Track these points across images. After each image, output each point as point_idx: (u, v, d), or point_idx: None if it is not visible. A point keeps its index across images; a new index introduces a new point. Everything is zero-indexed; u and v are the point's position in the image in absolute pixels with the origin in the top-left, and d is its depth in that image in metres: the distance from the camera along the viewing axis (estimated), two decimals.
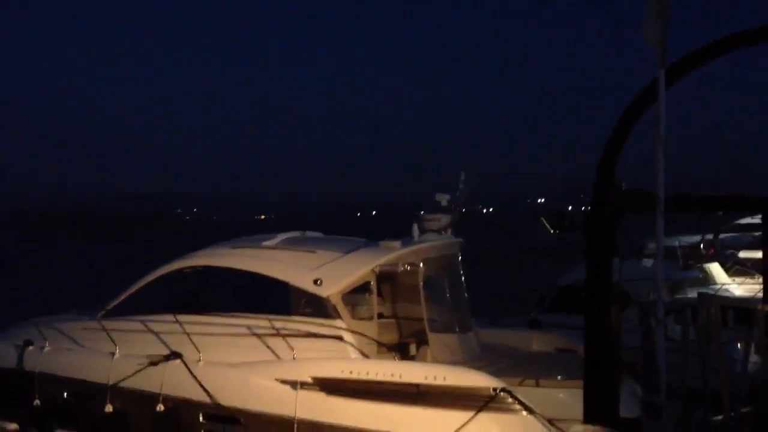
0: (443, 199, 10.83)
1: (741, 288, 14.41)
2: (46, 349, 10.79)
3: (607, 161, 6.36)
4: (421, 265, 9.59)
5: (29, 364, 10.76)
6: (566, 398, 8.27)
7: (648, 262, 14.92)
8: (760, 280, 11.76)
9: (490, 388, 7.89)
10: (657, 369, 6.04)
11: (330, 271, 9.43)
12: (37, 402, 10.47)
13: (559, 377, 8.62)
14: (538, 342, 10.61)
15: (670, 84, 6.27)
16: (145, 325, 10.14)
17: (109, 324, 10.41)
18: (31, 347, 10.93)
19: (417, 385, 8.16)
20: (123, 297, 10.80)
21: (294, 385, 8.67)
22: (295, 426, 8.52)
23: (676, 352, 7.44)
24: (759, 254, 12.00)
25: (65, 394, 10.47)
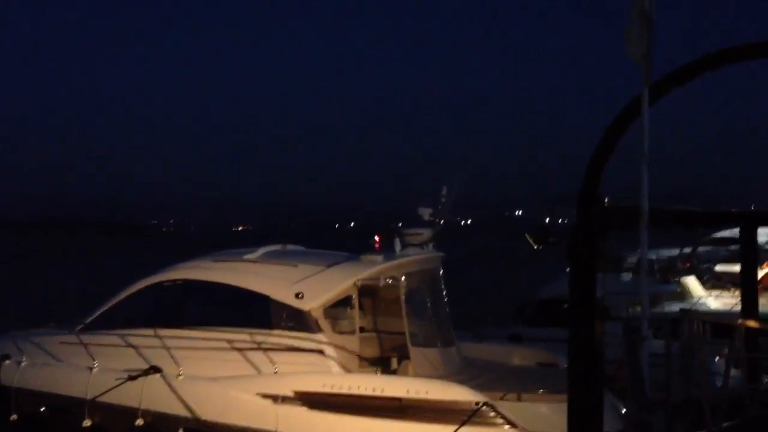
0: (425, 213, 10.83)
1: (717, 301, 14.51)
2: (23, 363, 10.69)
3: (590, 176, 6.39)
4: (403, 279, 9.58)
5: (6, 379, 10.66)
6: (548, 413, 8.27)
7: (627, 276, 15.00)
8: (736, 293, 11.90)
9: (472, 402, 7.89)
10: (642, 385, 6.06)
11: (311, 285, 9.39)
12: (14, 416, 10.38)
13: (541, 391, 8.63)
14: (519, 356, 10.62)
15: (654, 101, 6.32)
16: (125, 339, 10.05)
17: (88, 338, 10.32)
18: (8, 361, 10.83)
19: (399, 399, 8.14)
20: (102, 310, 10.70)
21: (275, 399, 8.64)
22: None
23: (657, 366, 7.48)
24: (735, 268, 12.12)
25: (43, 408, 10.37)
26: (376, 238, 11.33)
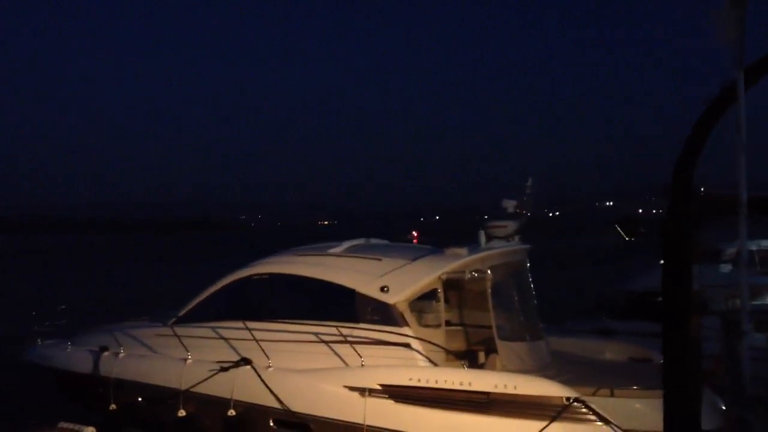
0: (510, 205, 10.68)
1: None
2: (121, 354, 11.07)
3: (684, 165, 6.14)
4: (489, 272, 9.44)
5: (105, 370, 11.05)
6: (643, 409, 8.04)
7: (725, 268, 14.45)
8: None
9: (562, 397, 7.71)
10: (741, 380, 5.80)
11: (396, 279, 9.39)
12: (113, 406, 10.74)
13: (634, 387, 8.38)
14: (610, 350, 10.36)
15: (749, 86, 6.03)
16: (216, 332, 10.30)
17: (181, 330, 10.61)
18: (106, 353, 11.24)
19: (487, 394, 8.03)
20: (193, 304, 11.00)
21: (363, 392, 8.66)
22: None
23: (757, 361, 7.16)
24: None
25: (140, 398, 10.71)
26: (414, 233, 11.31)
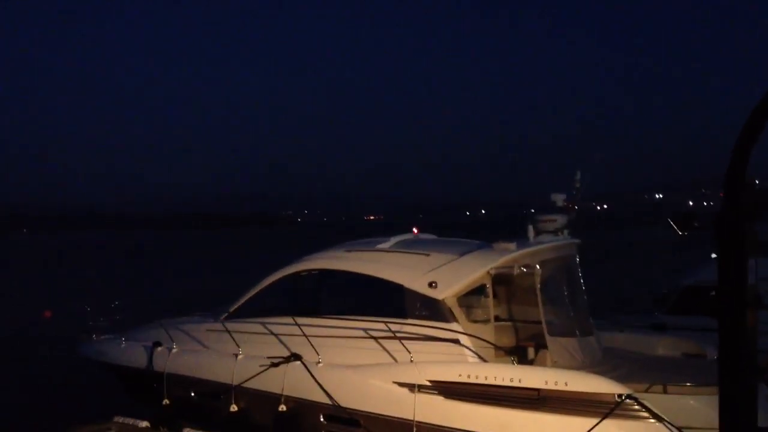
0: (559, 199, 10.57)
1: None
2: (174, 350, 11.24)
3: (738, 157, 6.00)
4: (538, 267, 9.34)
5: (158, 364, 11.24)
6: (697, 406, 7.90)
7: None
8: None
9: (614, 394, 7.61)
10: None
11: (445, 274, 9.36)
12: (166, 401, 10.92)
13: (688, 383, 8.23)
14: (663, 346, 10.19)
15: None
16: (266, 327, 10.40)
17: (232, 326, 10.72)
18: (159, 348, 11.42)
19: (537, 390, 7.97)
20: (243, 300, 11.11)
21: (412, 387, 8.66)
22: (414, 429, 8.50)
23: None
24: None
25: (192, 393, 10.88)
26: (414, 230, 11.29)
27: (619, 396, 7.57)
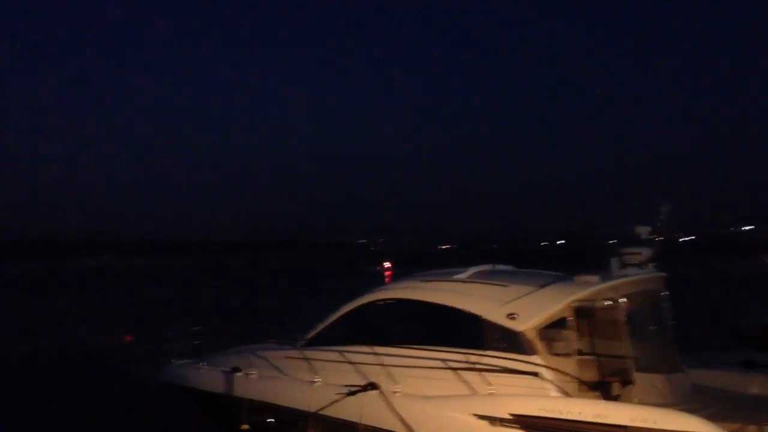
0: (644, 231, 10.26)
1: None
2: (253, 375, 11.35)
3: None
4: (623, 300, 9.09)
5: (238, 390, 11.37)
6: None
7: None
8: None
9: None
10: None
11: (524, 306, 9.18)
12: (245, 426, 11.01)
13: None
14: (756, 384, 9.74)
15: None
16: (343, 355, 10.40)
17: (309, 353, 10.78)
18: (238, 373, 11.55)
19: (624, 428, 7.67)
20: (321, 327, 11.17)
21: (492, 420, 8.49)
22: None
23: None
24: None
25: (271, 419, 10.94)
26: (387, 264, 11.04)
27: None
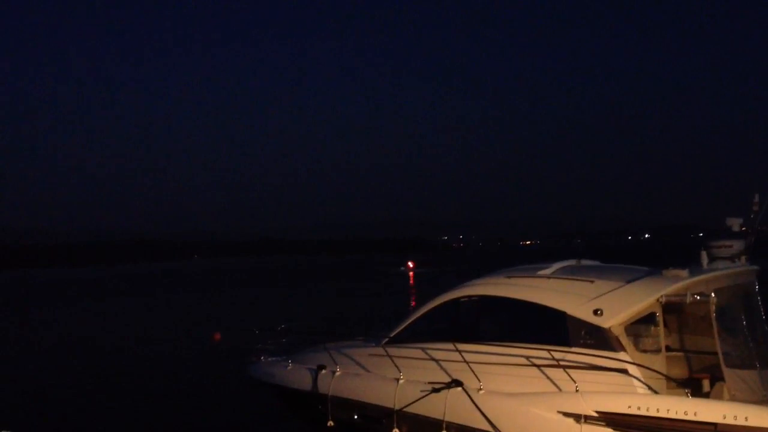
0: (735, 223, 9.91)
1: None
2: (338, 373, 11.48)
3: None
4: (713, 295, 8.80)
5: (323, 387, 11.51)
6: None
7: None
8: None
9: None
10: None
11: (610, 301, 9.02)
12: (330, 423, 11.15)
13: None
14: None
15: None
16: (426, 353, 10.41)
17: (393, 350, 10.82)
18: (324, 371, 11.68)
19: (714, 425, 7.52)
20: (404, 325, 11.18)
21: (578, 418, 8.40)
22: None
23: None
24: None
25: (356, 416, 11.03)
26: (410, 264, 10.75)
27: None
